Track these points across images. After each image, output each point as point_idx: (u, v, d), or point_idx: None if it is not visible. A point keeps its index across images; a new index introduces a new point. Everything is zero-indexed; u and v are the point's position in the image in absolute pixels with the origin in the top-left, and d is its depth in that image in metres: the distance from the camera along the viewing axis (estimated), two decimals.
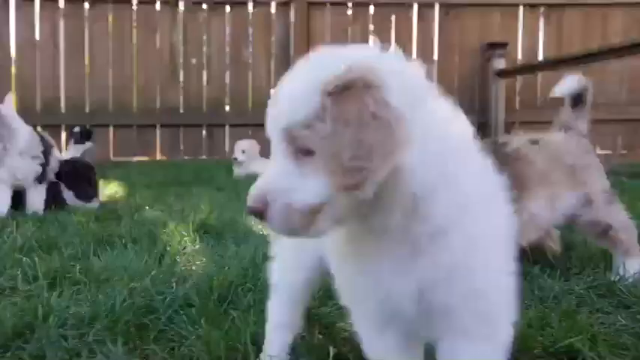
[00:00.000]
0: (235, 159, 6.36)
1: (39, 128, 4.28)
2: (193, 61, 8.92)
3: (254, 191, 1.02)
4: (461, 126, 1.14)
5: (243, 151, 6.35)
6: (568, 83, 2.57)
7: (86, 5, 8.69)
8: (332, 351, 1.58)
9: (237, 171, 6.33)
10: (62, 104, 8.74)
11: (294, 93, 1.01)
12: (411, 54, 9.12)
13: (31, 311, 1.84)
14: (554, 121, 2.62)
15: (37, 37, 8.76)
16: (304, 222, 1.00)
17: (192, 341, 1.74)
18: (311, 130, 0.97)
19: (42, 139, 3.87)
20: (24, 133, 3.68)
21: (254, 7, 8.88)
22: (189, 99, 8.89)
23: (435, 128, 1.02)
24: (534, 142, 2.42)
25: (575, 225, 2.50)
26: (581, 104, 2.55)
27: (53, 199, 3.96)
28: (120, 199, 4.48)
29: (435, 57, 8.78)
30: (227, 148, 8.89)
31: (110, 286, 2.16)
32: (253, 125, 8.84)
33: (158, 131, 8.85)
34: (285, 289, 1.66)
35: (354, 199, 0.99)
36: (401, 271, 1.10)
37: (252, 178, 5.11)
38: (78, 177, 4.18)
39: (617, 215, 2.43)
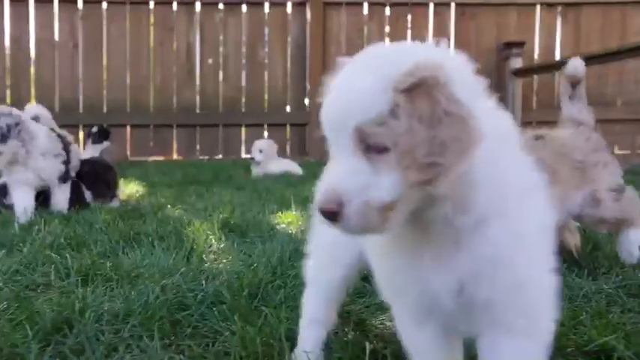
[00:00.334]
0: (253, 159, 6.38)
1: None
2: (210, 61, 8.97)
3: (325, 192, 1.01)
4: (506, 121, 1.16)
5: (261, 151, 6.37)
6: (578, 63, 2.51)
7: (104, 6, 8.77)
8: (368, 347, 1.59)
9: (255, 170, 6.36)
10: (80, 104, 8.84)
11: (364, 90, 1.00)
12: None
13: (68, 307, 1.87)
14: (561, 116, 2.57)
15: (56, 37, 8.87)
16: (380, 220, 1.01)
17: (227, 337, 1.76)
18: (385, 128, 0.98)
19: (59, 136, 3.91)
20: (42, 135, 3.73)
21: (270, 7, 8.92)
22: (206, 99, 8.95)
23: (486, 123, 1.03)
24: (539, 138, 2.37)
25: (581, 223, 2.48)
26: (577, 90, 2.49)
27: (76, 199, 4.01)
28: (141, 198, 4.52)
29: None
30: (243, 148, 8.94)
31: (141, 283, 2.18)
32: (269, 125, 8.89)
33: (174, 131, 8.91)
34: (322, 286, 1.67)
35: (425, 195, 1.00)
36: (442, 264, 1.11)
37: (269, 177, 5.15)
38: (97, 177, 4.22)
39: (630, 207, 2.41)
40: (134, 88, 8.87)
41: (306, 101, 8.98)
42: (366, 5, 8.88)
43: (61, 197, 3.86)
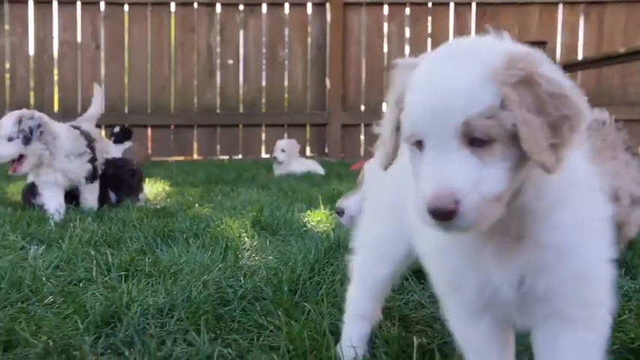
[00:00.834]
0: (275, 158, 6.41)
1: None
2: (230, 61, 9.03)
3: (437, 191, 0.99)
4: None
5: (283, 151, 6.39)
6: None
7: (126, 7, 8.86)
8: (416, 341, 1.60)
9: (278, 170, 6.38)
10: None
11: (468, 85, 1.00)
12: None
13: (116, 301, 1.90)
14: None
15: (79, 39, 8.97)
16: (492, 213, 1.02)
17: (272, 332, 1.78)
18: (494, 120, 0.99)
19: (82, 132, 3.90)
20: (64, 135, 3.75)
21: (290, 7, 8.95)
22: (226, 99, 9.00)
23: None
24: None
25: None
26: None
27: (104, 197, 4.04)
28: (168, 198, 4.56)
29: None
30: (263, 148, 8.99)
31: (182, 278, 2.21)
32: (289, 125, 8.92)
33: (195, 131, 8.97)
34: (369, 282, 1.68)
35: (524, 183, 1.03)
36: (504, 255, 1.12)
37: (292, 177, 5.16)
38: (120, 178, 4.19)
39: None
40: (155, 89, 8.95)
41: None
42: (386, 5, 8.88)
43: (89, 196, 3.89)
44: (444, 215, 0.99)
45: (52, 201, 3.66)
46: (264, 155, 8.85)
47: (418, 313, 1.99)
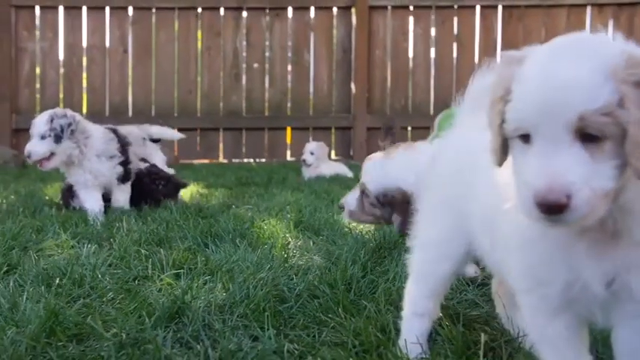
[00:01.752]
0: (304, 161, 6.44)
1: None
2: (255, 65, 9.10)
3: (549, 184, 1.00)
4: None
5: (312, 153, 6.42)
6: None
7: (153, 12, 8.97)
8: (483, 337, 1.61)
9: (306, 173, 6.41)
10: (129, 108, 9.04)
11: (586, 81, 1.01)
12: (473, 56, 9.00)
13: (179, 297, 1.94)
14: None
15: (107, 43, 9.10)
16: (601, 209, 1.03)
17: (335, 327, 1.80)
18: (610, 117, 1.00)
19: (117, 136, 3.94)
20: (97, 136, 3.80)
21: (316, 11, 9.00)
22: (252, 102, 9.06)
23: None
24: None
25: None
26: None
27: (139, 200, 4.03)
28: (203, 199, 4.61)
29: (498, 59, 8.69)
30: (288, 151, 9.03)
31: (237, 276, 2.24)
32: (314, 128, 8.96)
33: (221, 134, 9.05)
34: (429, 280, 1.70)
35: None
36: (597, 252, 1.13)
37: (321, 179, 5.16)
38: (150, 182, 4.18)
39: None
40: (182, 93, 9.05)
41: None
42: (411, 8, 8.89)
43: (120, 196, 3.91)
44: (554, 209, 1.00)
45: (90, 202, 3.70)
46: (289, 158, 8.90)
47: (474, 311, 2.00)
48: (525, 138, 1.07)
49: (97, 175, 3.75)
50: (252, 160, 8.90)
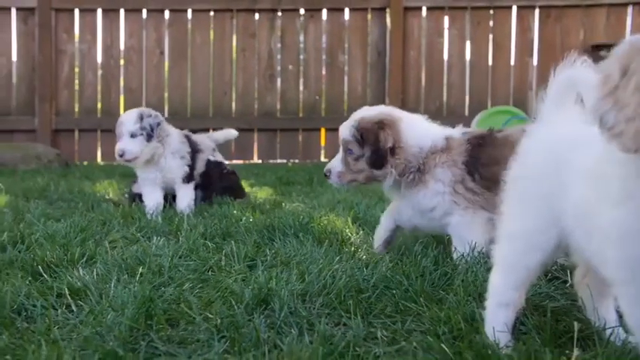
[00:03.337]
0: None
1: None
2: (290, 66, 9.16)
3: None
4: None
5: None
6: None
7: (189, 14, 9.09)
8: (577, 326, 1.62)
9: None
10: (165, 109, 9.16)
11: None
12: (508, 57, 8.91)
13: (263, 285, 1.99)
14: None
15: (144, 45, 9.25)
16: None
17: (420, 315, 1.83)
18: None
19: (190, 142, 4.05)
20: (174, 135, 3.90)
21: (350, 12, 9.03)
22: (286, 104, 9.13)
23: None
24: None
25: None
26: None
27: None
28: (253, 197, 4.67)
29: (535, 60, 8.65)
30: (322, 152, 9.08)
31: (310, 269, 2.28)
32: None
33: (255, 135, 9.13)
34: (516, 270, 1.72)
35: None
36: None
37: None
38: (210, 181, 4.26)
39: None
40: (217, 94, 9.14)
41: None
42: (446, 9, 8.88)
43: (183, 196, 3.99)
44: None
45: (150, 197, 3.79)
46: (323, 159, 8.93)
47: (552, 303, 2.02)
48: None
49: (165, 173, 3.83)
50: (285, 161, 8.96)
